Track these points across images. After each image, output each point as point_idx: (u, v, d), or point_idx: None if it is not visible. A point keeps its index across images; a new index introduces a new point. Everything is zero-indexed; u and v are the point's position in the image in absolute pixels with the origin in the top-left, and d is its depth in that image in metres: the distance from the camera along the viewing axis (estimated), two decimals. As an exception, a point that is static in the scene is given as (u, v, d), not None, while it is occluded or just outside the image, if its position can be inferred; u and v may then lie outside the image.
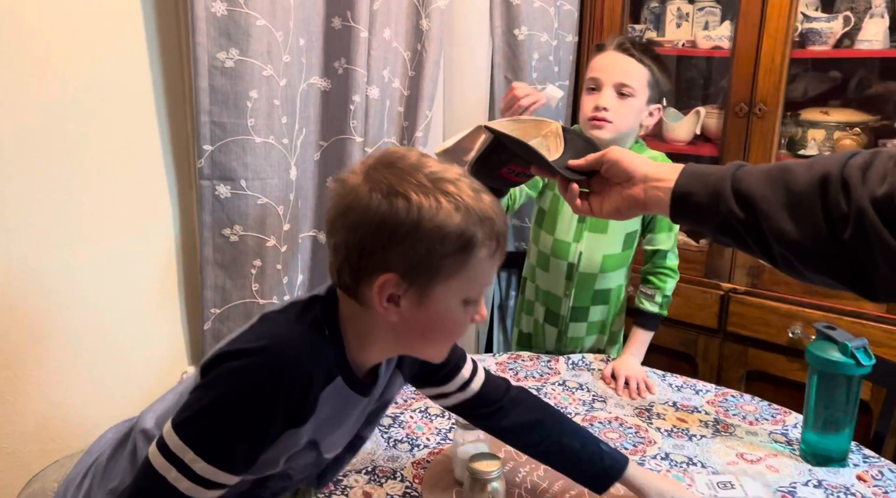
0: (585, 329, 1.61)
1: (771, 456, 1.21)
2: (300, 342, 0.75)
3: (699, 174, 0.84)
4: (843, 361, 1.14)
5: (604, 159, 0.90)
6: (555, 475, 1.12)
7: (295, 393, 0.73)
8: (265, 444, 0.75)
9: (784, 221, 0.76)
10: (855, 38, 1.68)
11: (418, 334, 0.79)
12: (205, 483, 0.72)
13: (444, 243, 0.72)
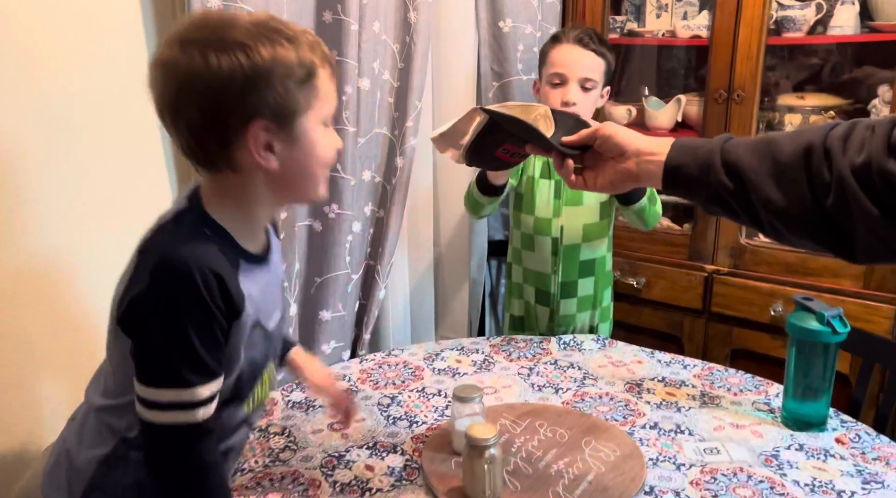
0: (576, 305, 1.66)
1: (755, 424, 1.27)
2: (191, 250, 0.77)
3: (689, 147, 0.88)
4: (819, 330, 1.20)
5: (597, 135, 0.94)
6: (548, 444, 1.17)
7: (215, 290, 0.76)
8: (221, 341, 0.79)
9: (771, 190, 0.80)
10: (827, 24, 1.74)
11: (298, 174, 0.83)
12: (205, 401, 0.78)
13: (293, 76, 0.77)
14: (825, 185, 0.76)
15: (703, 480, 1.10)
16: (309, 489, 1.08)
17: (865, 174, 0.73)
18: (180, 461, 0.80)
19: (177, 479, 0.80)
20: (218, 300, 0.77)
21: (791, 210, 0.79)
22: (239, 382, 0.87)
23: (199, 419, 0.78)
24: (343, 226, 1.55)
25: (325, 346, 1.60)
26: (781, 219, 0.80)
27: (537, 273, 1.66)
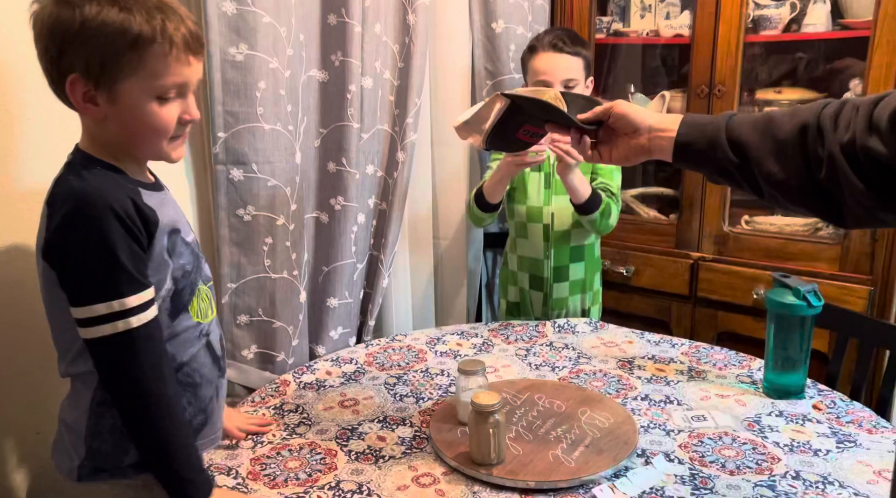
0: (568, 289, 1.76)
1: (738, 394, 1.36)
2: (95, 180, 0.85)
3: (697, 124, 0.96)
4: (796, 304, 1.30)
5: (611, 112, 1.02)
6: (547, 414, 1.26)
7: (128, 207, 0.84)
8: (142, 253, 0.86)
9: (771, 165, 0.88)
10: (801, 22, 1.85)
11: (127, 132, 0.87)
12: (137, 309, 0.85)
13: (113, 42, 0.81)
14: (819, 161, 0.85)
15: (691, 443, 1.19)
16: (326, 457, 1.16)
17: (851, 151, 0.82)
18: (126, 369, 0.86)
19: (126, 388, 0.87)
20: (132, 214, 0.84)
21: (789, 182, 0.88)
22: (177, 290, 0.94)
23: (134, 326, 0.84)
24: (348, 217, 1.63)
25: (333, 332, 1.68)
26: (780, 190, 0.89)
27: (531, 259, 1.75)
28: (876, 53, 1.65)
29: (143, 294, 0.86)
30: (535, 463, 1.11)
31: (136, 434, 0.90)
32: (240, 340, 1.49)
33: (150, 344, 0.88)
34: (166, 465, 0.91)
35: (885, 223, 0.87)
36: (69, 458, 0.94)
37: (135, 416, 0.89)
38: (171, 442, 0.90)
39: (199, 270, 0.99)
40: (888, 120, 0.77)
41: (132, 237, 0.84)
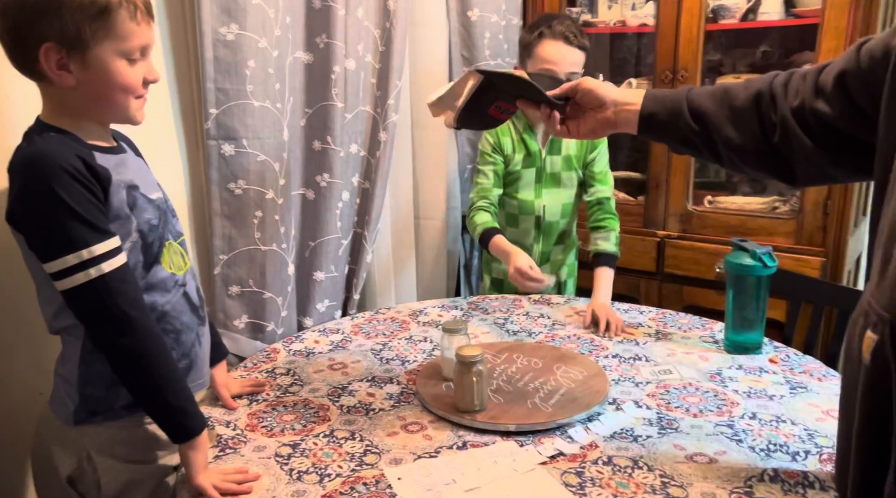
0: (549, 268, 1.87)
1: (702, 351, 1.47)
2: (46, 143, 0.91)
3: (659, 97, 1.04)
4: (752, 265, 1.41)
5: (579, 88, 1.08)
6: (525, 370, 1.34)
7: (79, 165, 0.89)
8: (99, 205, 0.91)
9: (730, 131, 0.96)
10: (757, 11, 1.97)
11: (97, 95, 0.92)
12: (105, 255, 0.90)
13: (83, 10, 0.87)
14: (772, 125, 0.93)
15: (658, 392, 1.29)
16: (319, 411, 1.23)
17: (801, 114, 0.90)
18: (106, 311, 0.91)
19: (111, 330, 0.92)
20: (83, 171, 0.89)
21: (746, 146, 0.96)
22: (147, 243, 0.99)
23: (106, 271, 0.90)
24: (333, 193, 1.70)
25: (320, 304, 1.75)
26: (738, 154, 0.97)
27: (519, 244, 1.82)
28: (824, 39, 1.78)
29: (109, 242, 0.91)
30: (515, 410, 1.19)
31: (127, 373, 0.94)
32: (231, 310, 1.56)
33: (125, 286, 0.92)
34: (160, 398, 0.95)
35: (834, 179, 0.96)
36: (65, 405, 1.00)
37: (123, 355, 0.93)
38: (162, 375, 0.95)
39: (166, 225, 1.03)
40: (832, 83, 0.86)
41: (87, 189, 0.89)
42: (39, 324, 1.10)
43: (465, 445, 1.12)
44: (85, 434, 1.01)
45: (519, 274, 1.55)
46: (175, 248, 1.06)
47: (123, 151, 1.02)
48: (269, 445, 1.12)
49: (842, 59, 0.87)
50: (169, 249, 1.04)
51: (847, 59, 0.85)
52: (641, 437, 1.13)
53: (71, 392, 1.00)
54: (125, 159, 1.00)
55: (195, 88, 1.46)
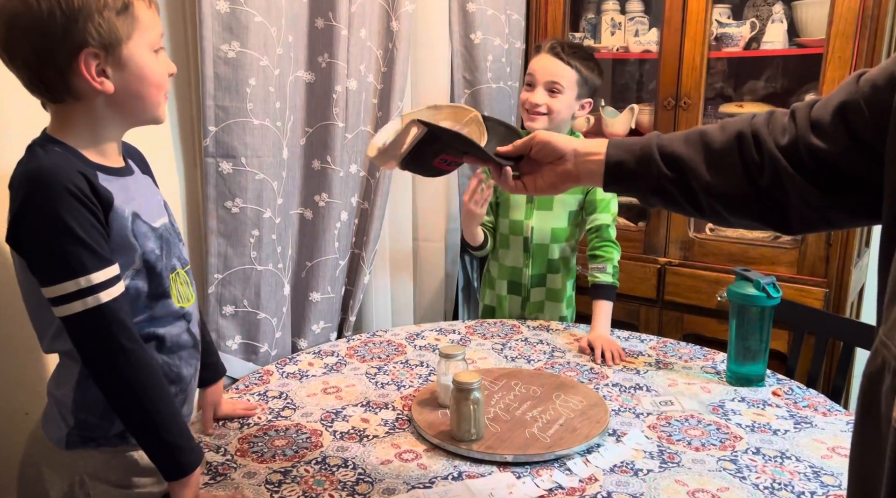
0: (545, 294, 1.83)
1: (703, 382, 1.44)
2: (49, 160, 0.87)
3: (625, 145, 0.95)
4: (756, 295, 1.38)
5: (533, 142, 0.99)
6: (523, 398, 1.31)
7: (82, 186, 0.86)
8: (101, 229, 0.88)
9: (710, 176, 0.86)
10: (760, 40, 1.97)
11: (133, 95, 0.91)
12: (104, 284, 0.87)
13: (109, 7, 0.85)
14: (758, 167, 0.85)
15: (660, 424, 1.26)
16: (312, 437, 1.20)
17: (793, 152, 0.82)
18: (103, 344, 0.88)
19: (106, 362, 0.89)
20: (87, 192, 0.86)
21: (730, 192, 0.87)
22: (152, 275, 0.96)
23: (103, 301, 0.87)
24: (332, 214, 1.68)
25: (315, 326, 1.72)
26: (721, 201, 0.88)
27: (511, 268, 1.83)
28: (828, 68, 1.78)
29: (109, 270, 0.87)
30: (513, 439, 1.16)
31: (119, 406, 0.91)
32: (225, 330, 1.53)
33: (122, 316, 0.89)
34: (153, 433, 0.92)
35: (834, 224, 0.85)
36: (58, 427, 0.97)
37: (116, 388, 0.90)
38: (156, 410, 0.91)
39: (170, 254, 1.00)
40: (831, 116, 0.79)
41: (90, 212, 0.86)
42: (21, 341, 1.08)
43: (461, 476, 1.08)
44: (79, 457, 0.97)
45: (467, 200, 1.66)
46: (182, 277, 1.03)
47: (130, 172, 0.99)
48: (260, 472, 1.08)
49: (839, 91, 0.81)
50: (176, 279, 1.01)
51: (846, 91, 0.78)
52: (642, 471, 1.10)
53: (65, 415, 0.97)
54: (130, 183, 0.97)
55: (194, 105, 1.44)
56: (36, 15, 0.83)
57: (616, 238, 1.75)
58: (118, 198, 0.91)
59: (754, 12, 2.06)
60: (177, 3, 1.41)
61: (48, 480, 0.98)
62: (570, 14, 2.23)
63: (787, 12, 1.94)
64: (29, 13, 0.83)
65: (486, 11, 2.03)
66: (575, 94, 1.69)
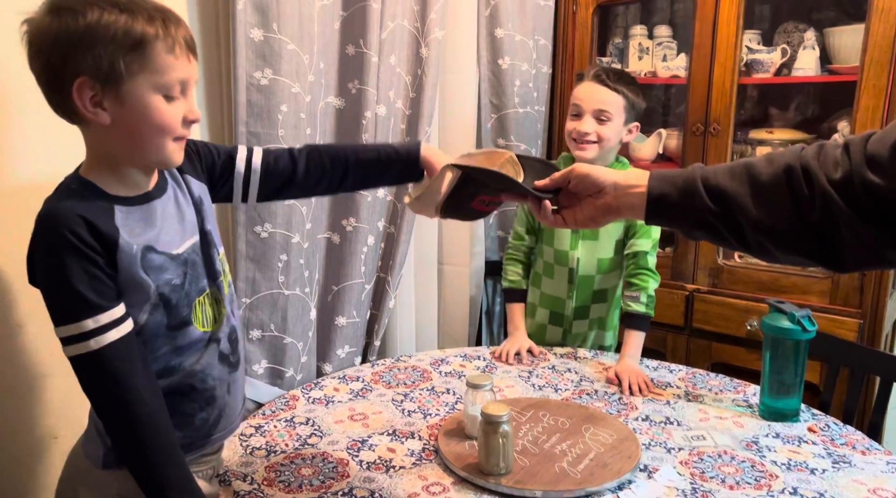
0: (587, 325, 1.80)
1: (735, 416, 1.41)
2: (57, 204, 0.88)
3: (668, 177, 0.93)
4: (791, 328, 1.35)
5: (571, 176, 0.99)
6: (552, 430, 1.29)
7: (82, 231, 0.85)
8: (101, 275, 0.87)
9: (757, 211, 0.84)
10: (792, 66, 1.95)
11: (132, 134, 0.88)
12: (96, 331, 0.86)
13: (117, 43, 0.83)
14: (808, 201, 0.81)
15: (692, 460, 1.23)
16: (338, 466, 1.19)
17: (848, 188, 0.79)
18: (98, 388, 0.88)
19: (100, 404, 0.89)
20: (87, 238, 0.85)
21: (779, 227, 0.84)
22: (169, 305, 0.94)
23: (92, 348, 0.86)
24: (359, 238, 1.68)
25: (340, 350, 1.71)
26: (770, 237, 0.85)
27: (553, 297, 1.79)
28: (862, 97, 1.75)
29: (102, 317, 0.86)
30: (542, 474, 1.14)
31: (121, 447, 0.92)
32: (251, 355, 1.53)
33: (122, 363, 0.88)
34: (153, 476, 0.91)
35: (890, 263, 0.82)
36: (96, 447, 0.97)
37: (114, 431, 0.91)
38: (147, 458, 0.90)
39: (196, 277, 0.98)
40: (890, 150, 0.77)
41: (88, 261, 0.86)
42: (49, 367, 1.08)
43: (490, 512, 1.07)
44: (114, 478, 0.97)
45: (503, 354, 1.69)
46: (212, 296, 1.01)
47: (158, 195, 0.96)
48: (286, 503, 1.08)
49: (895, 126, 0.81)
50: (203, 302, 1.00)
51: None
52: (676, 510, 1.08)
53: (103, 435, 0.97)
54: (155, 208, 0.95)
55: (226, 131, 1.46)
56: (46, 36, 0.84)
57: (655, 267, 1.71)
58: (129, 233, 0.89)
59: (785, 38, 2.04)
60: (211, 31, 1.43)
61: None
62: (597, 39, 2.23)
63: (819, 39, 1.92)
64: (43, 33, 0.84)
65: (514, 37, 2.03)
66: (623, 120, 1.66)
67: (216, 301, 1.02)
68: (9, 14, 0.88)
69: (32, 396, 1.22)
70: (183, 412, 0.98)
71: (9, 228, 1.15)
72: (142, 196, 0.94)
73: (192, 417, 1.00)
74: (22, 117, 1.14)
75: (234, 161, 1.08)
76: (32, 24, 0.85)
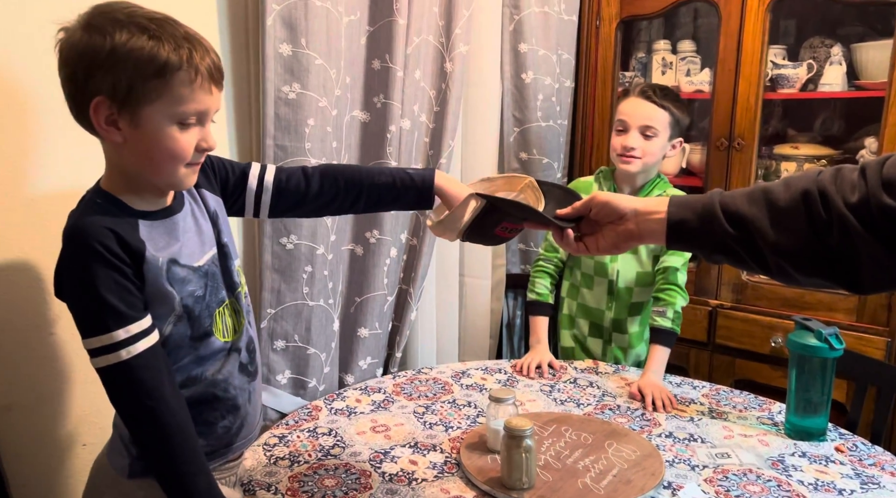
0: (627, 340, 1.79)
1: (761, 434, 1.39)
2: (85, 217, 0.89)
3: (686, 203, 0.95)
4: (818, 346, 1.34)
5: (592, 203, 1.01)
6: (574, 445, 1.29)
7: (111, 243, 0.87)
8: (130, 286, 0.88)
9: (776, 234, 0.85)
10: (818, 82, 1.94)
11: (143, 156, 0.89)
12: (125, 342, 0.87)
13: (139, 68, 0.84)
14: (826, 224, 0.83)
15: (717, 478, 1.22)
16: (361, 478, 1.19)
17: (864, 211, 0.80)
18: (127, 398, 0.89)
19: (130, 415, 0.91)
20: (116, 250, 0.87)
21: (798, 251, 0.85)
22: (192, 316, 0.95)
23: (123, 358, 0.87)
24: (382, 250, 1.69)
25: (362, 361, 1.72)
26: (790, 260, 0.86)
27: (592, 308, 1.78)
28: (890, 113, 1.73)
29: (133, 327, 0.88)
30: (565, 490, 1.14)
31: (147, 455, 0.94)
32: (275, 365, 1.54)
33: (147, 373, 0.89)
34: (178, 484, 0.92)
35: None
36: (121, 457, 0.99)
37: (140, 440, 0.93)
38: (173, 467, 0.92)
39: (216, 289, 0.99)
40: None
41: (118, 272, 0.87)
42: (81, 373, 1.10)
43: (513, 527, 1.06)
44: (139, 487, 0.98)
45: (524, 368, 1.68)
46: (231, 307, 1.03)
47: (178, 209, 0.98)
48: (309, 514, 1.08)
49: None
50: (223, 313, 1.02)
51: None
52: (701, 529, 1.06)
53: (128, 445, 0.99)
54: (177, 222, 0.97)
55: (254, 144, 1.48)
56: (74, 51, 0.86)
57: (685, 285, 1.68)
58: (154, 246, 0.91)
59: (811, 54, 2.03)
60: (241, 45, 1.46)
61: None
62: (620, 54, 2.23)
63: (846, 54, 1.91)
64: (72, 48, 0.86)
65: (537, 52, 2.05)
66: (668, 136, 1.67)
67: (235, 312, 1.04)
68: (43, 22, 0.90)
69: (61, 403, 1.24)
70: (205, 421, 1.00)
71: (36, 236, 1.18)
72: (163, 210, 0.96)
73: (214, 426, 1.01)
74: (49, 126, 1.17)
75: (247, 177, 1.10)
76: (65, 35, 0.87)
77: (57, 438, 1.24)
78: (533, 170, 2.15)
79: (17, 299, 1.17)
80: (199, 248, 0.99)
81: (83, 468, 1.24)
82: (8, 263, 1.16)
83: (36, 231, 1.17)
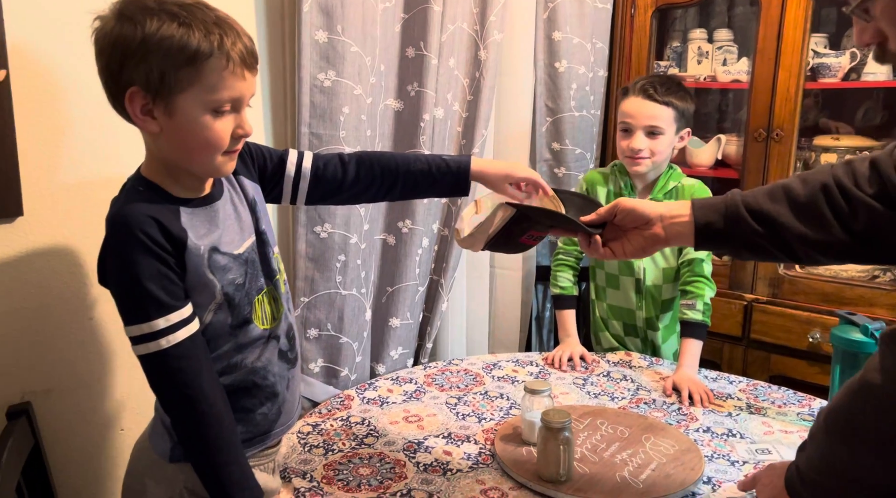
0: (660, 336, 1.77)
1: (802, 430, 1.36)
2: (128, 205, 0.89)
3: (709, 206, 0.99)
4: (863, 341, 1.30)
5: (617, 209, 1.04)
6: (611, 439, 1.27)
7: (154, 231, 0.87)
8: (172, 275, 0.88)
9: (802, 227, 0.91)
10: (861, 71, 1.89)
11: (179, 145, 0.89)
12: (165, 331, 0.88)
13: (170, 57, 0.83)
14: (849, 213, 0.88)
15: (757, 474, 1.19)
16: (395, 467, 1.19)
17: (884, 194, 0.85)
18: (167, 386, 0.90)
19: (168, 402, 0.92)
20: (159, 238, 0.87)
21: (826, 240, 0.90)
22: (232, 304, 0.95)
23: (163, 347, 0.88)
24: (414, 240, 1.69)
25: (393, 351, 1.72)
26: (819, 249, 0.91)
27: (623, 309, 1.76)
28: (938, 102, 1.68)
29: (173, 316, 0.88)
30: (603, 483, 1.12)
31: (185, 443, 0.94)
32: (308, 353, 1.54)
33: (187, 362, 0.90)
34: (214, 474, 0.93)
35: None
36: (163, 441, 0.99)
37: (179, 428, 0.93)
38: (209, 455, 0.92)
39: (256, 276, 0.99)
40: None
41: (160, 261, 0.87)
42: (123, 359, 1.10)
43: (550, 519, 1.05)
44: (181, 471, 0.98)
45: (555, 360, 1.66)
46: (269, 295, 1.03)
47: (218, 197, 0.98)
48: (346, 502, 1.08)
49: None
50: (262, 301, 1.01)
51: None
52: (744, 525, 1.04)
53: (170, 431, 0.99)
54: (217, 209, 0.96)
55: (289, 132, 1.48)
56: (108, 41, 0.86)
57: (711, 275, 1.67)
58: (195, 234, 0.91)
59: (854, 43, 1.97)
60: (277, 32, 1.45)
61: (150, 491, 1.00)
62: (655, 43, 2.19)
63: (891, 42, 1.85)
64: (106, 38, 0.86)
65: (571, 40, 2.02)
66: (674, 130, 1.65)
67: (273, 299, 1.03)
68: (79, 12, 0.90)
69: (102, 388, 1.25)
70: (244, 408, 1.00)
71: (75, 222, 1.18)
72: (203, 198, 0.96)
73: (253, 413, 1.01)
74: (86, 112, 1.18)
75: (285, 164, 1.10)
76: (100, 24, 0.87)
77: (96, 422, 1.25)
78: (565, 160, 2.12)
79: (57, 285, 1.18)
80: (239, 235, 0.98)
81: (122, 452, 1.25)
82: (47, 248, 1.17)
83: (74, 217, 1.18)
